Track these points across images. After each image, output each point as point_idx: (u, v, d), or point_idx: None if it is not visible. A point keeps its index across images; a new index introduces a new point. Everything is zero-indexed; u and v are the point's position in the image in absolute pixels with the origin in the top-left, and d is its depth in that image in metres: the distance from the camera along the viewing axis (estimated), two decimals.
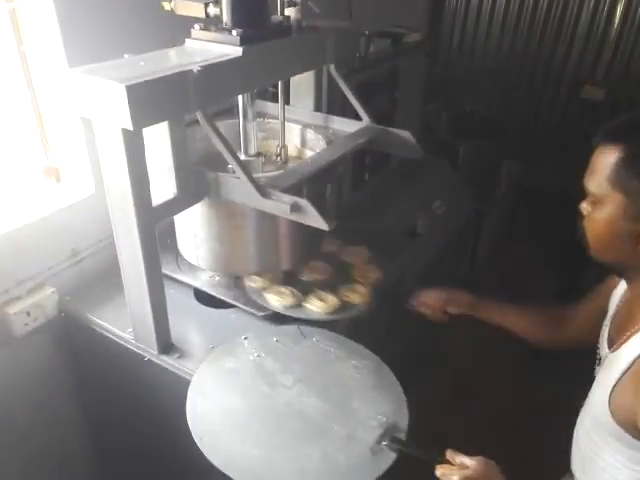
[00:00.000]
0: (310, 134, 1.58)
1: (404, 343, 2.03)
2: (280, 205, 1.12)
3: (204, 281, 1.55)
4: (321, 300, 1.45)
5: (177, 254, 1.59)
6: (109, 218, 1.23)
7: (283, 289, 1.46)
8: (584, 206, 1.08)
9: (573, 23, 3.29)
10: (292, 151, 1.62)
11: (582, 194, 1.10)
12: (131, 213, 1.15)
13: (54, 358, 1.60)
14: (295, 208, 1.11)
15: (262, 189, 1.14)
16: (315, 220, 1.11)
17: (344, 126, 1.55)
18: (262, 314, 1.44)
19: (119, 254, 1.26)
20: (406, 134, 1.48)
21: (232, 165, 1.15)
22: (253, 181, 1.14)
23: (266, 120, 1.64)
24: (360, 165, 2.02)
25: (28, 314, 1.45)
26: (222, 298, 1.49)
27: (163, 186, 1.24)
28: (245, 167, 1.15)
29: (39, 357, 1.56)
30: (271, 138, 1.64)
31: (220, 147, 1.15)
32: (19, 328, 1.44)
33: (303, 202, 1.10)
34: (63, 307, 1.53)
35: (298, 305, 1.45)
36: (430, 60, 2.89)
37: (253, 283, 1.49)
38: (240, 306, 1.46)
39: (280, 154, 1.56)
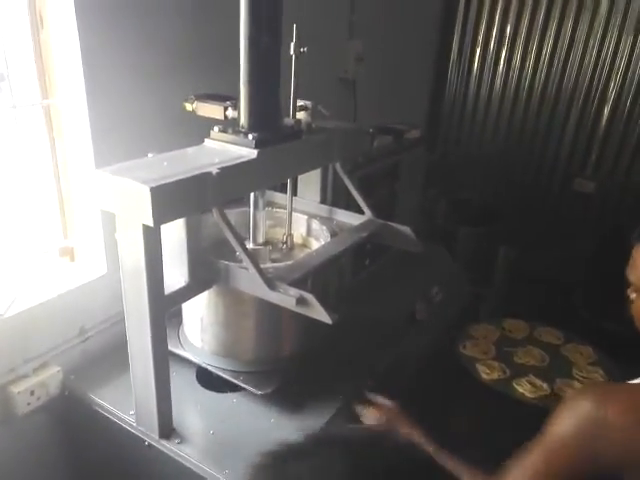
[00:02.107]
0: (315, 224, 1.67)
1: None
2: (286, 298, 1.18)
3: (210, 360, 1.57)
4: (531, 384, 1.56)
5: (179, 332, 1.63)
6: (118, 297, 1.28)
7: (496, 364, 1.57)
8: (630, 294, 1.18)
9: (563, 119, 3.51)
10: (297, 239, 1.71)
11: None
12: (144, 301, 1.21)
13: (54, 437, 1.60)
14: (301, 302, 1.17)
15: (270, 281, 1.21)
16: (319, 314, 1.17)
17: (347, 219, 1.64)
18: (261, 393, 1.44)
19: (128, 338, 1.31)
20: (406, 230, 1.57)
21: (242, 258, 1.22)
22: (261, 273, 1.21)
23: (274, 209, 1.74)
24: (361, 251, 2.10)
25: (32, 393, 1.47)
26: (229, 379, 1.50)
27: (174, 274, 1.31)
28: (254, 259, 1.23)
29: (39, 436, 1.56)
30: (278, 226, 1.73)
31: (231, 239, 1.23)
32: (22, 407, 1.45)
33: (308, 296, 1.16)
34: (67, 386, 1.55)
35: (507, 382, 1.52)
36: (429, 151, 3.06)
37: (467, 351, 1.59)
38: (245, 386, 1.46)
39: (286, 242, 1.65)
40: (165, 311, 1.26)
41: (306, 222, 1.70)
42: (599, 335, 2.99)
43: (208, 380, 1.61)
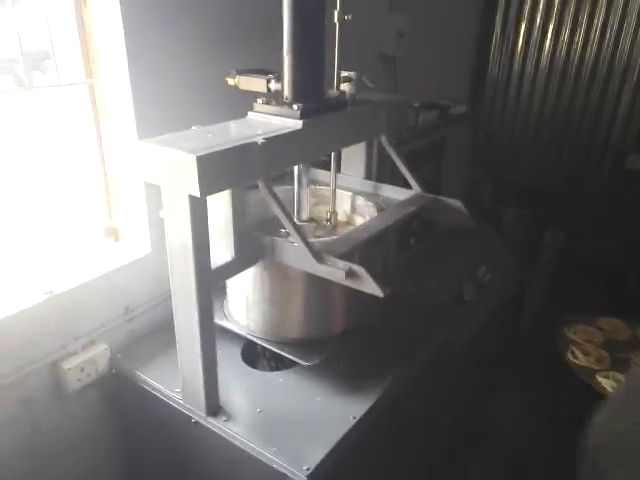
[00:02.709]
0: (360, 201, 1.62)
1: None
2: (335, 271, 1.14)
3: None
4: None
5: (224, 310, 1.61)
6: (162, 277, 1.27)
7: (618, 375, 1.62)
8: None
9: (617, 93, 3.32)
10: (342, 217, 1.66)
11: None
12: (191, 276, 1.19)
13: (103, 414, 1.62)
14: (350, 274, 1.13)
15: (318, 254, 1.17)
16: (370, 287, 1.12)
17: (394, 194, 1.58)
18: (308, 364, 1.40)
19: (175, 314, 1.29)
20: (457, 203, 1.50)
21: (289, 230, 1.19)
22: (309, 246, 1.17)
23: (318, 187, 1.69)
24: (406, 230, 2.04)
25: (82, 370, 1.48)
26: (276, 350, 1.46)
27: (220, 249, 1.29)
28: (302, 233, 1.19)
29: (89, 413, 1.58)
30: (322, 204, 1.69)
31: (278, 213, 1.19)
32: (72, 383, 1.47)
33: (358, 268, 1.12)
34: (114, 364, 1.56)
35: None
36: (473, 130, 2.96)
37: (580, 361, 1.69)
38: (291, 357, 1.43)
39: (330, 219, 1.60)
40: (212, 286, 1.24)
41: (350, 199, 1.65)
42: None
43: (254, 359, 1.60)
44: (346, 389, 1.44)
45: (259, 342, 1.47)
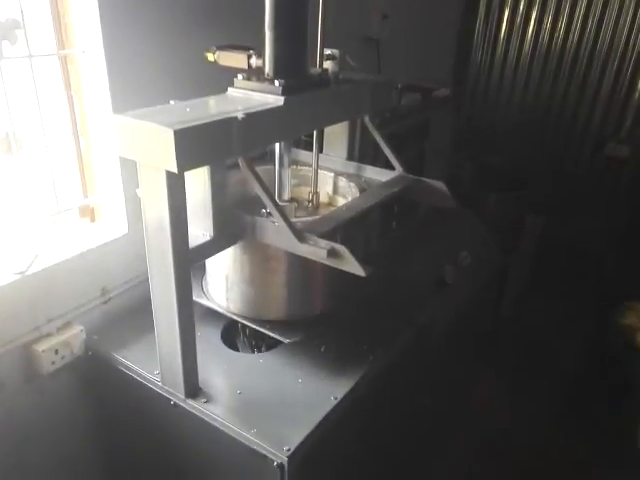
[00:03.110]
0: (342, 182, 1.60)
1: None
2: (317, 250, 1.12)
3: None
4: None
5: (204, 291, 1.58)
6: (139, 258, 1.24)
7: None
8: None
9: (597, 82, 3.35)
10: (324, 198, 1.64)
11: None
12: (168, 255, 1.16)
13: (80, 397, 1.58)
14: (332, 253, 1.11)
15: (299, 234, 1.15)
16: (352, 266, 1.11)
17: (377, 175, 1.57)
18: (288, 341, 1.39)
19: (152, 294, 1.26)
20: (440, 184, 1.49)
21: (270, 209, 1.17)
22: (291, 226, 1.15)
23: (299, 167, 1.67)
24: (388, 213, 2.03)
25: (56, 352, 1.44)
26: (256, 327, 1.45)
27: (199, 228, 1.26)
28: (283, 211, 1.17)
29: (65, 396, 1.55)
30: (303, 185, 1.67)
31: (259, 192, 1.17)
32: (47, 366, 1.43)
33: (340, 248, 1.10)
34: (90, 346, 1.52)
35: None
36: (455, 113, 2.95)
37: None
38: (272, 335, 1.41)
39: (312, 200, 1.58)
40: (190, 266, 1.21)
41: (332, 180, 1.63)
42: None
43: (234, 341, 1.58)
44: (327, 370, 1.43)
45: (239, 320, 1.45)
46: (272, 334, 1.41)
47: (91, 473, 1.69)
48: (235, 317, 1.46)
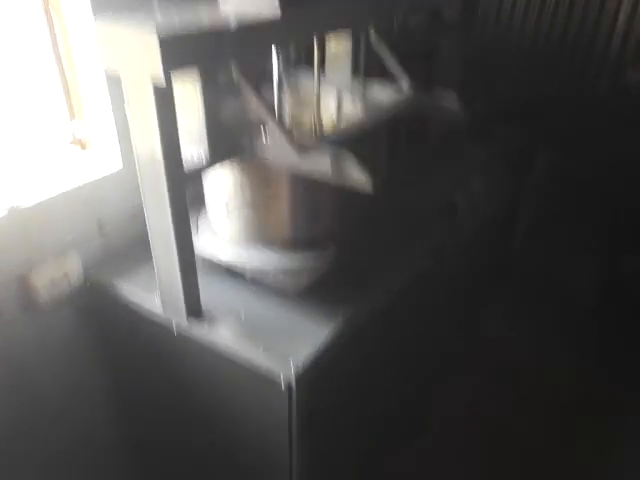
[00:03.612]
0: (347, 103, 1.50)
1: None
2: (319, 161, 1.04)
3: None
4: None
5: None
6: (136, 191, 1.17)
7: None
8: None
9: (616, 4, 3.13)
10: (327, 123, 1.54)
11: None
12: (161, 173, 1.08)
13: (80, 329, 1.55)
14: (336, 165, 1.03)
15: (299, 146, 1.06)
16: (358, 180, 1.03)
17: (384, 92, 1.46)
18: (293, 290, 1.35)
19: (147, 220, 1.20)
20: (451, 96, 1.39)
21: (265, 119, 1.08)
22: (289, 136, 1.06)
23: (299, 90, 1.56)
24: (395, 138, 1.92)
25: (53, 282, 1.40)
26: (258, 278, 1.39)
27: (193, 148, 1.18)
28: (281, 123, 1.08)
29: (65, 328, 1.51)
30: (305, 110, 1.56)
31: (253, 101, 1.08)
32: (44, 297, 1.39)
33: (345, 157, 1.02)
34: (89, 277, 1.48)
35: None
36: (466, 40, 2.78)
37: None
38: (275, 286, 1.36)
39: (315, 126, 1.48)
40: (184, 185, 1.13)
41: (336, 102, 1.52)
42: None
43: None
44: (335, 293, 1.38)
45: (239, 266, 1.39)
46: (275, 285, 1.35)
47: (95, 404, 1.68)
48: (236, 262, 1.40)
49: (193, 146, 1.19)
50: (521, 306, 2.95)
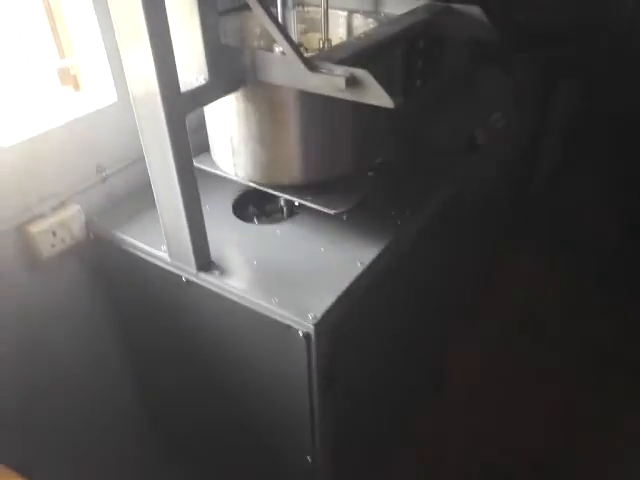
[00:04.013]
0: (358, 20, 1.36)
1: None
2: (333, 79, 0.92)
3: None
4: None
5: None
6: (135, 131, 1.07)
7: None
8: None
9: None
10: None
11: None
12: (157, 100, 0.97)
13: (86, 282, 1.48)
14: (351, 82, 0.91)
15: (309, 62, 0.94)
16: (378, 96, 0.91)
17: (399, 7, 1.31)
18: (335, 212, 1.21)
19: (146, 155, 1.10)
20: (475, 10, 1.25)
21: (271, 31, 0.95)
22: (298, 52, 0.94)
23: (306, 9, 1.42)
24: (411, 69, 1.77)
25: (54, 234, 1.31)
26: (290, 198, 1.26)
27: (192, 72, 1.06)
28: (290, 38, 0.95)
29: (69, 281, 1.44)
30: (312, 31, 1.43)
31: (259, 14, 0.95)
32: (46, 249, 1.31)
33: (362, 73, 0.90)
34: (91, 228, 1.39)
35: None
36: None
37: None
38: (310, 205, 1.23)
39: (323, 48, 1.35)
40: (183, 113, 1.02)
41: (346, 20, 1.38)
42: None
43: (246, 213, 1.43)
44: (352, 237, 1.29)
45: (251, 184, 1.27)
46: (311, 204, 1.22)
47: (105, 360, 1.62)
48: (249, 183, 1.29)
49: (191, 74, 1.07)
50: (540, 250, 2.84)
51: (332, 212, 1.19)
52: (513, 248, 2.78)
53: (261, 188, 1.27)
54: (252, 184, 1.28)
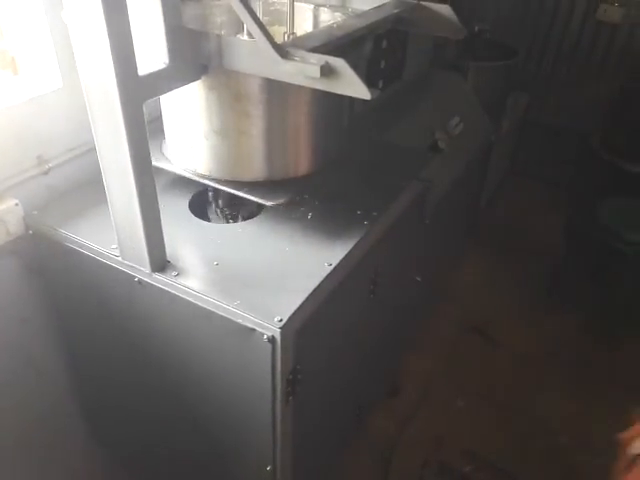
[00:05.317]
0: (325, 14, 1.31)
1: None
2: (306, 67, 0.87)
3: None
4: None
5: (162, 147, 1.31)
6: (82, 121, 0.97)
7: None
8: None
9: None
10: None
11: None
12: (112, 84, 0.88)
13: (26, 284, 1.35)
14: (326, 71, 0.86)
15: (281, 49, 0.88)
16: (354, 87, 0.86)
17: (367, 2, 1.28)
18: (272, 204, 1.15)
19: (97, 145, 1.00)
20: (446, 9, 1.23)
21: (244, 17, 0.89)
22: (269, 38, 0.88)
23: (271, 0, 1.36)
24: (375, 70, 1.75)
25: None
26: (233, 192, 1.18)
27: (152, 56, 0.98)
28: (260, 21, 0.89)
29: (5, 283, 1.31)
30: (277, 24, 1.37)
31: None
32: None
33: (338, 62, 0.85)
34: (31, 223, 1.27)
35: None
36: None
37: None
38: (251, 198, 1.16)
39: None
40: (141, 100, 0.94)
41: (312, 13, 1.34)
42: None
43: (205, 213, 1.35)
44: (318, 236, 1.24)
45: (209, 183, 1.20)
46: (250, 197, 1.17)
47: (44, 368, 1.49)
48: (204, 180, 1.21)
49: (150, 58, 0.99)
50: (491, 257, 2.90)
51: (269, 203, 1.14)
52: (468, 250, 2.83)
53: (212, 184, 1.20)
54: (207, 180, 1.20)
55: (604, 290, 2.55)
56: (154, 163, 1.20)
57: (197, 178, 1.21)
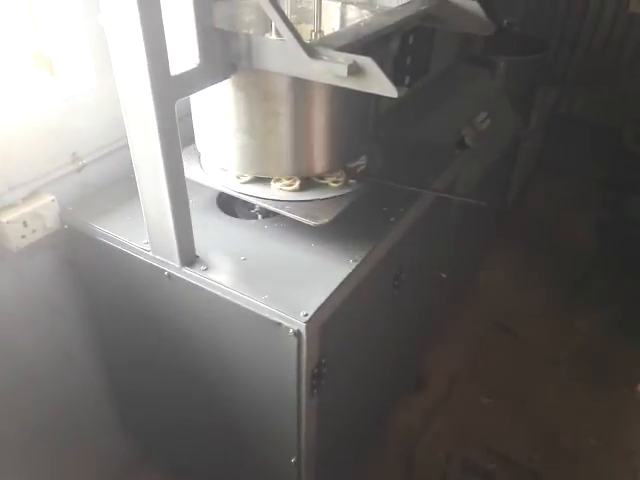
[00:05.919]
0: (352, 12, 1.32)
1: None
2: (334, 66, 0.88)
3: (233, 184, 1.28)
4: None
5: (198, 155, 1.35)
6: (113, 119, 1.00)
7: None
8: None
9: None
10: None
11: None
12: (145, 84, 0.91)
13: (62, 278, 1.40)
14: (354, 70, 0.87)
15: (309, 48, 0.90)
16: (381, 85, 0.87)
17: (394, 0, 1.28)
18: (315, 223, 1.16)
19: (130, 143, 1.03)
20: (473, 5, 1.22)
21: (271, 15, 0.90)
22: (298, 37, 0.89)
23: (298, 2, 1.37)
24: (401, 66, 1.75)
25: (25, 224, 1.23)
26: (268, 207, 1.21)
27: (183, 56, 1.00)
28: (289, 21, 0.91)
29: (42, 275, 1.36)
30: (304, 22, 1.38)
31: None
32: (16, 240, 1.23)
33: (365, 60, 0.86)
34: (66, 219, 1.31)
35: None
36: None
37: None
38: (287, 214, 1.18)
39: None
40: (173, 99, 0.97)
41: (340, 11, 1.34)
42: None
43: (231, 207, 1.38)
44: (343, 233, 1.25)
45: (251, 200, 1.22)
46: (293, 215, 1.17)
47: (78, 358, 1.54)
48: (245, 197, 1.23)
49: (182, 58, 1.01)
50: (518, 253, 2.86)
51: (312, 224, 1.15)
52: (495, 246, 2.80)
53: (258, 203, 1.22)
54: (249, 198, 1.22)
55: (637, 287, 2.50)
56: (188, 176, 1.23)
57: (236, 194, 1.23)
